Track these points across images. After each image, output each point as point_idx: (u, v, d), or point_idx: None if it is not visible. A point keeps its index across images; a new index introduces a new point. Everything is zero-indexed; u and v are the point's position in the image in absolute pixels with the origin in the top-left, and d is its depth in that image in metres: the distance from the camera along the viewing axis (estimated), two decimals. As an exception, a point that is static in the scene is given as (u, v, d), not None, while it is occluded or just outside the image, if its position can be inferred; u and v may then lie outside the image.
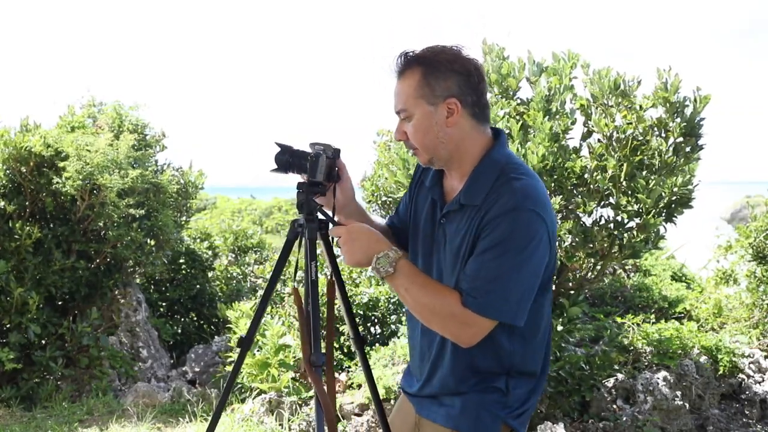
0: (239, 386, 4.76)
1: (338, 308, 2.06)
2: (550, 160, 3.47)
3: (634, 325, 4.69)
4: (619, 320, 4.85)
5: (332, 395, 1.83)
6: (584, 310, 4.78)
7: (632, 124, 3.62)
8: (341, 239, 1.76)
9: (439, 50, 1.72)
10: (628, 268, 6.55)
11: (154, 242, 6.13)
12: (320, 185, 1.87)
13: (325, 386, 1.82)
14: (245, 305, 5.49)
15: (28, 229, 5.17)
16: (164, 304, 7.29)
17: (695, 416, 4.25)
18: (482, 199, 1.69)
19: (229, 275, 7.98)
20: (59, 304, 5.72)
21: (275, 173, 1.88)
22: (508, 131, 3.64)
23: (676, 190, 3.51)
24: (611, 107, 3.67)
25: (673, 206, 3.63)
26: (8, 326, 5.23)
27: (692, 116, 3.61)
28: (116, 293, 6.14)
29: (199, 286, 7.32)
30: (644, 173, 3.62)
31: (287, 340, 4.53)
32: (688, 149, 3.66)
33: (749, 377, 4.62)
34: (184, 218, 7.11)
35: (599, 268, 3.89)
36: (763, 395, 4.47)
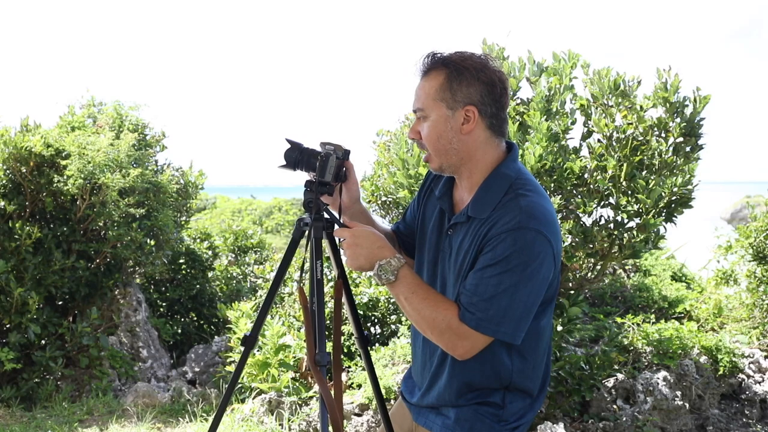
0: (239, 386, 4.76)
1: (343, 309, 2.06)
2: (549, 160, 3.47)
3: (634, 325, 4.69)
4: (619, 320, 4.85)
5: (338, 395, 1.81)
6: (584, 310, 4.78)
7: (632, 124, 3.62)
8: (345, 242, 1.75)
9: (467, 56, 1.71)
10: (628, 268, 6.55)
11: (154, 242, 6.13)
12: (328, 185, 1.87)
13: (331, 386, 1.82)
14: (245, 305, 5.49)
15: (28, 229, 5.17)
16: (164, 304, 7.30)
17: (695, 416, 4.25)
18: (489, 213, 1.68)
19: (229, 275, 7.98)
20: (59, 304, 5.72)
21: (283, 169, 1.88)
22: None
23: (676, 190, 3.51)
24: (611, 107, 3.67)
25: (673, 206, 3.63)
26: (8, 326, 5.23)
27: (692, 116, 3.61)
28: (116, 293, 6.14)
29: (199, 286, 7.32)
30: (644, 173, 3.62)
31: (287, 340, 4.53)
32: (688, 149, 3.66)
33: (749, 377, 4.62)
34: (184, 218, 7.11)
35: (599, 268, 3.89)
36: (763, 395, 4.47)
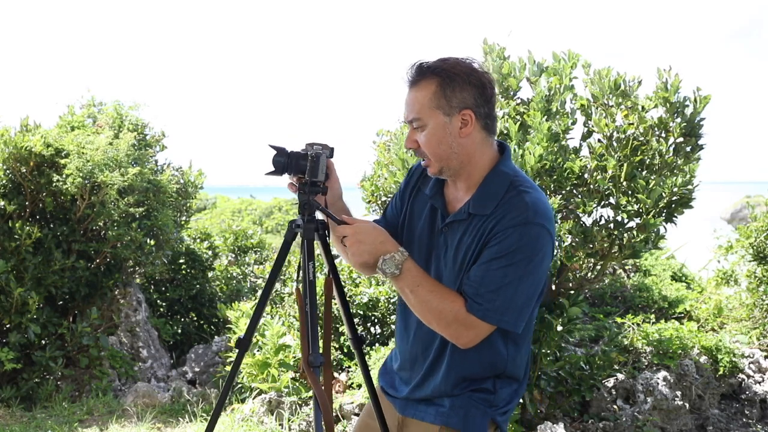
0: (239, 386, 4.76)
1: (337, 308, 2.06)
2: (549, 160, 3.47)
3: (634, 325, 4.69)
4: (619, 320, 4.85)
5: (329, 395, 1.83)
6: (584, 310, 4.78)
7: (633, 124, 3.62)
8: (347, 239, 1.77)
9: (454, 62, 1.75)
10: (628, 268, 6.55)
11: (154, 242, 6.13)
12: (321, 185, 1.88)
13: (322, 383, 1.82)
14: (245, 305, 5.49)
15: (28, 229, 5.17)
16: (164, 304, 7.29)
17: (695, 416, 4.25)
18: (492, 209, 1.73)
19: (229, 275, 7.98)
20: (59, 304, 5.72)
21: (270, 176, 1.87)
22: (506, 131, 3.64)
23: (676, 190, 3.50)
24: (611, 107, 3.67)
25: (673, 206, 3.63)
26: (8, 326, 5.23)
27: (692, 116, 3.61)
28: (116, 293, 6.14)
29: (199, 286, 7.32)
30: (644, 173, 3.62)
31: (287, 340, 4.53)
32: (688, 149, 3.66)
33: (749, 377, 4.62)
34: (183, 218, 7.11)
35: (599, 268, 3.89)
36: (763, 395, 4.48)
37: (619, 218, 3.66)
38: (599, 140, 3.72)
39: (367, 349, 4.43)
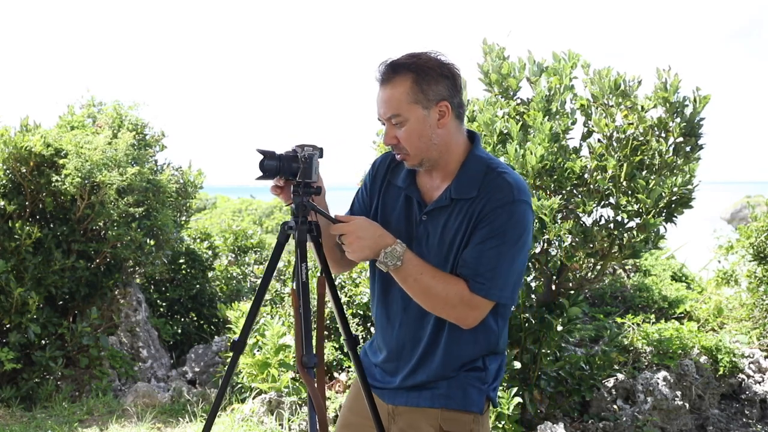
0: (239, 386, 4.76)
1: (331, 309, 2.05)
2: (549, 160, 3.47)
3: (634, 325, 4.69)
4: (619, 320, 4.85)
5: (322, 393, 1.83)
6: (584, 310, 4.78)
7: (633, 124, 3.62)
8: (346, 237, 1.79)
9: (425, 57, 1.81)
10: (628, 268, 6.55)
11: (153, 242, 6.12)
12: (315, 186, 1.87)
13: (315, 381, 1.82)
14: (245, 305, 5.49)
15: (28, 229, 5.17)
16: (164, 304, 7.29)
17: (695, 416, 4.25)
18: (476, 192, 1.81)
19: (229, 275, 7.97)
20: (59, 304, 5.72)
21: (261, 180, 1.86)
22: (507, 131, 3.64)
23: (676, 190, 3.50)
24: (611, 107, 3.67)
25: (673, 206, 3.63)
26: (8, 326, 5.23)
27: (692, 116, 3.61)
28: (116, 293, 6.14)
29: (199, 286, 7.31)
30: (644, 173, 3.62)
31: (287, 340, 4.53)
32: (688, 149, 3.66)
33: (749, 377, 4.62)
34: (183, 218, 7.10)
35: (599, 268, 3.89)
36: (763, 395, 4.48)
37: (619, 218, 3.66)
38: (599, 140, 3.72)
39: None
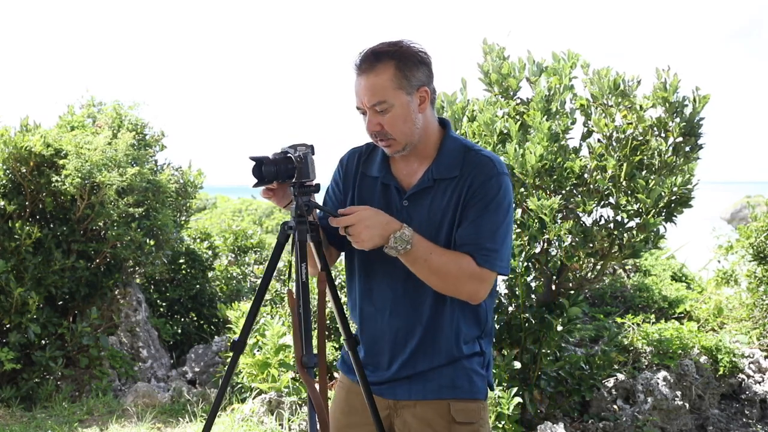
0: (239, 386, 4.76)
1: (331, 309, 2.04)
2: (549, 160, 3.47)
3: (634, 325, 4.69)
4: (619, 320, 4.85)
5: (324, 392, 1.82)
6: (584, 310, 4.78)
7: (632, 124, 3.62)
8: (353, 228, 1.78)
9: (404, 45, 1.85)
10: (628, 268, 6.55)
11: (153, 242, 6.12)
12: (313, 184, 1.87)
13: (316, 382, 1.81)
14: (245, 305, 5.49)
15: (28, 229, 5.17)
16: (164, 304, 7.29)
17: (695, 416, 4.25)
18: (459, 170, 1.86)
19: (229, 275, 7.97)
20: (59, 304, 5.71)
21: (258, 186, 1.85)
22: (507, 131, 3.64)
23: (675, 190, 3.50)
24: (611, 107, 3.67)
25: (673, 206, 3.63)
26: (8, 326, 5.23)
27: (692, 116, 3.60)
28: (116, 293, 6.13)
29: (199, 286, 7.31)
30: (644, 173, 3.62)
31: (287, 340, 4.53)
32: (687, 149, 3.66)
33: (749, 377, 4.62)
34: (183, 218, 7.10)
35: (599, 268, 3.89)
36: (763, 395, 4.48)
37: (619, 218, 3.66)
38: (599, 140, 3.72)
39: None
